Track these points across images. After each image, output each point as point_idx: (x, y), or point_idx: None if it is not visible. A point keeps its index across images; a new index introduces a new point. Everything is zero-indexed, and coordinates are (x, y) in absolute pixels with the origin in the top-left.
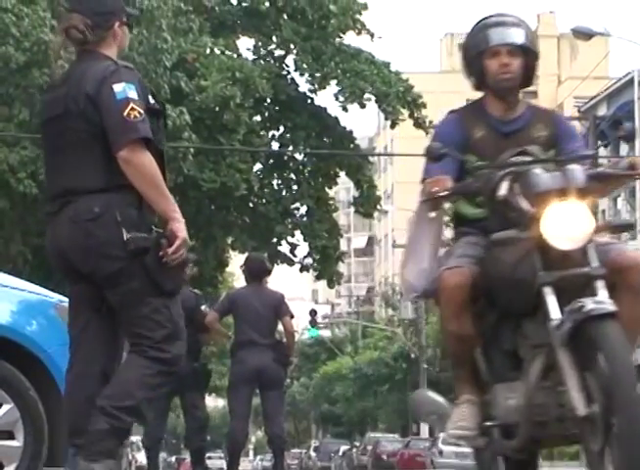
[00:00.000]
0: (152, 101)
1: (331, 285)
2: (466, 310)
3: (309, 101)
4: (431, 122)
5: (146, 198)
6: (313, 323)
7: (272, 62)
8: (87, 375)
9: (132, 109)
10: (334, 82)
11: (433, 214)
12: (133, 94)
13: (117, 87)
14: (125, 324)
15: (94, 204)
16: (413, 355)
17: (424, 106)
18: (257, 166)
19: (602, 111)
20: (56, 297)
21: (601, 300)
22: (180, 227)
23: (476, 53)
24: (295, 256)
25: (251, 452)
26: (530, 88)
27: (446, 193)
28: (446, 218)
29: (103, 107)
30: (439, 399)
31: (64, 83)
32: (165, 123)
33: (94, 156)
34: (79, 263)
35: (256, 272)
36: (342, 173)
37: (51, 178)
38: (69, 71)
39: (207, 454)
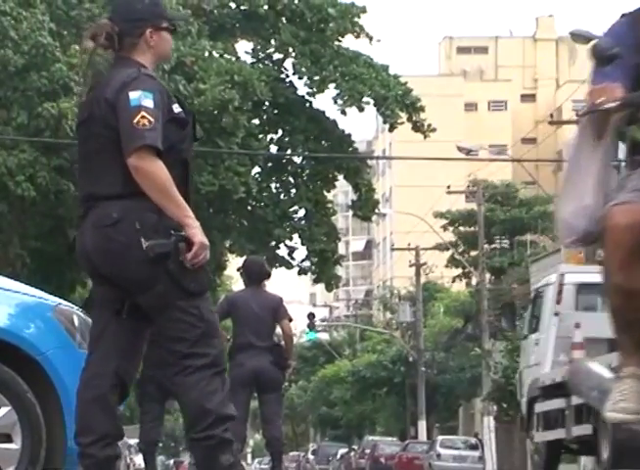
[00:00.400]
0: (177, 110)
1: (329, 288)
2: (638, 258)
3: (308, 104)
4: (429, 126)
5: (158, 205)
6: (311, 326)
7: (271, 65)
8: (100, 375)
9: (143, 117)
10: (332, 86)
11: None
12: (148, 102)
13: (133, 94)
14: (160, 327)
15: (112, 210)
16: (411, 359)
17: (422, 109)
18: (256, 170)
19: None
20: (54, 300)
21: None
22: (195, 232)
23: None
24: (293, 259)
25: (249, 456)
26: (528, 92)
27: (616, 104)
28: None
29: (118, 113)
30: (604, 371)
31: (93, 88)
32: (194, 132)
33: (113, 162)
34: (103, 267)
35: (256, 275)
36: (341, 177)
37: (79, 183)
38: (104, 77)
39: None
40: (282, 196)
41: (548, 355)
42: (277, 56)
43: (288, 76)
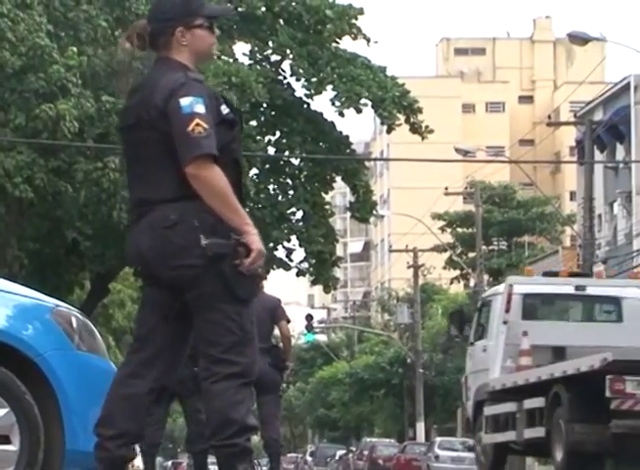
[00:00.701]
0: (225, 111)
1: (327, 290)
2: None
3: (305, 106)
4: (427, 127)
5: (216, 212)
6: (309, 328)
7: (268, 67)
8: (141, 376)
9: (197, 124)
10: (330, 87)
11: None
12: (200, 108)
13: (184, 101)
14: (198, 329)
15: (170, 212)
16: (409, 360)
17: (420, 111)
18: (254, 171)
19: (598, 116)
20: (52, 301)
21: None
22: (253, 239)
23: None
24: (291, 260)
25: None
26: (526, 93)
27: None
28: None
29: (171, 120)
30: None
31: (138, 91)
32: (242, 131)
33: (167, 166)
34: (158, 270)
35: None
36: (339, 178)
37: (130, 187)
38: (145, 78)
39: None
40: (280, 197)
41: (497, 361)
42: (275, 57)
43: (285, 78)
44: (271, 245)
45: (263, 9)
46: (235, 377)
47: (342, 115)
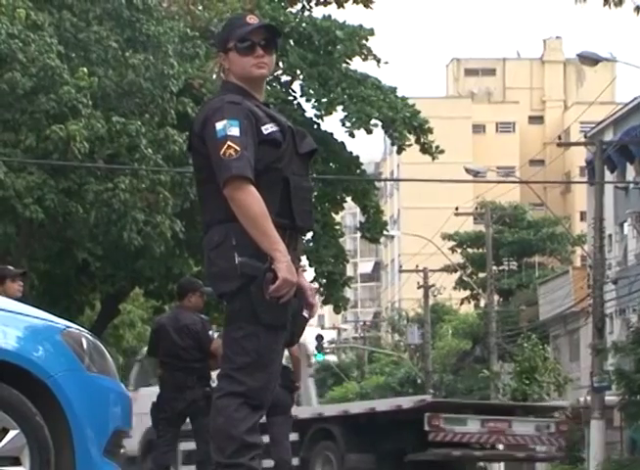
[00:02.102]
0: (268, 130)
1: (337, 310)
2: None
3: (316, 126)
4: (437, 148)
5: (249, 233)
6: (320, 348)
7: (279, 87)
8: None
9: (228, 147)
10: (340, 108)
11: None
12: (234, 131)
13: (219, 125)
14: (223, 343)
15: (215, 234)
16: (419, 381)
17: (430, 131)
18: None
19: (609, 136)
20: (62, 322)
21: None
22: (281, 267)
23: None
24: None
25: None
26: (536, 113)
27: None
28: None
29: (208, 145)
30: None
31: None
32: (295, 145)
33: (215, 189)
34: (214, 290)
35: None
36: (349, 198)
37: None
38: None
39: None
40: None
41: None
42: (285, 78)
43: (296, 99)
44: None
45: None
46: (237, 396)
47: (352, 135)
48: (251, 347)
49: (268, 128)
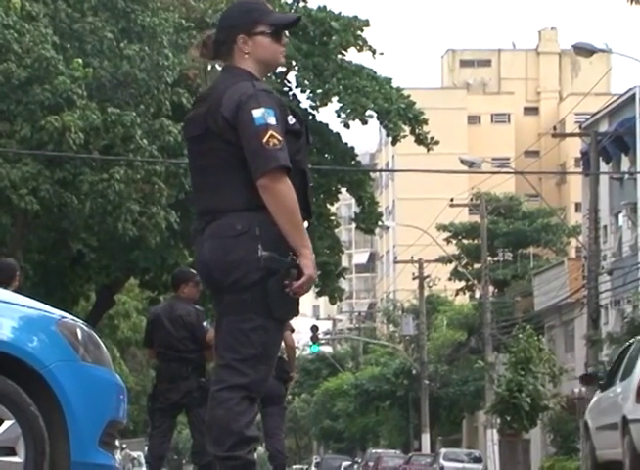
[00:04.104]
0: (292, 121)
1: (332, 301)
2: None
3: (311, 117)
4: (432, 139)
5: (280, 227)
6: (315, 339)
7: (274, 78)
8: None
9: (272, 136)
10: (335, 99)
11: None
12: (272, 120)
13: (257, 112)
14: (223, 331)
15: (236, 222)
16: (414, 371)
17: (425, 122)
18: None
19: (603, 127)
20: (57, 313)
21: None
22: (309, 264)
23: None
24: None
25: None
26: (531, 104)
27: None
28: None
29: (242, 132)
30: None
31: (205, 100)
32: (308, 141)
33: (236, 176)
34: (219, 277)
35: None
36: (344, 189)
37: (196, 197)
38: (212, 88)
39: None
40: None
41: None
42: (280, 69)
43: (291, 90)
44: None
45: None
46: (240, 388)
47: (347, 126)
48: (258, 339)
49: (291, 119)
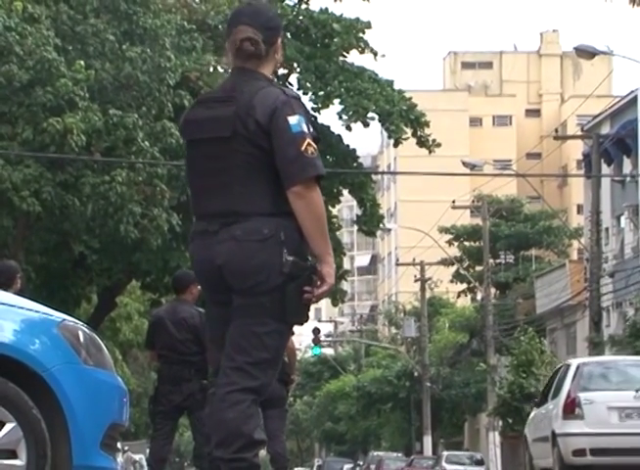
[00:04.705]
0: (311, 127)
1: (334, 303)
2: None
3: (312, 119)
4: (434, 141)
5: (306, 234)
6: (316, 341)
7: (275, 80)
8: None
9: (309, 144)
10: (337, 101)
11: None
12: (306, 128)
13: (292, 120)
14: (234, 333)
15: (263, 226)
16: (416, 374)
17: (427, 124)
18: None
19: (605, 129)
20: (59, 315)
21: None
22: (331, 273)
23: None
24: None
25: None
26: (533, 107)
27: None
28: None
29: (277, 138)
30: None
31: (227, 103)
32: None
33: (262, 180)
34: (234, 281)
35: None
36: (346, 192)
37: (202, 199)
38: (232, 90)
39: None
40: None
41: None
42: (282, 71)
43: None
44: None
45: None
46: (250, 392)
47: (349, 128)
48: (272, 344)
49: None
